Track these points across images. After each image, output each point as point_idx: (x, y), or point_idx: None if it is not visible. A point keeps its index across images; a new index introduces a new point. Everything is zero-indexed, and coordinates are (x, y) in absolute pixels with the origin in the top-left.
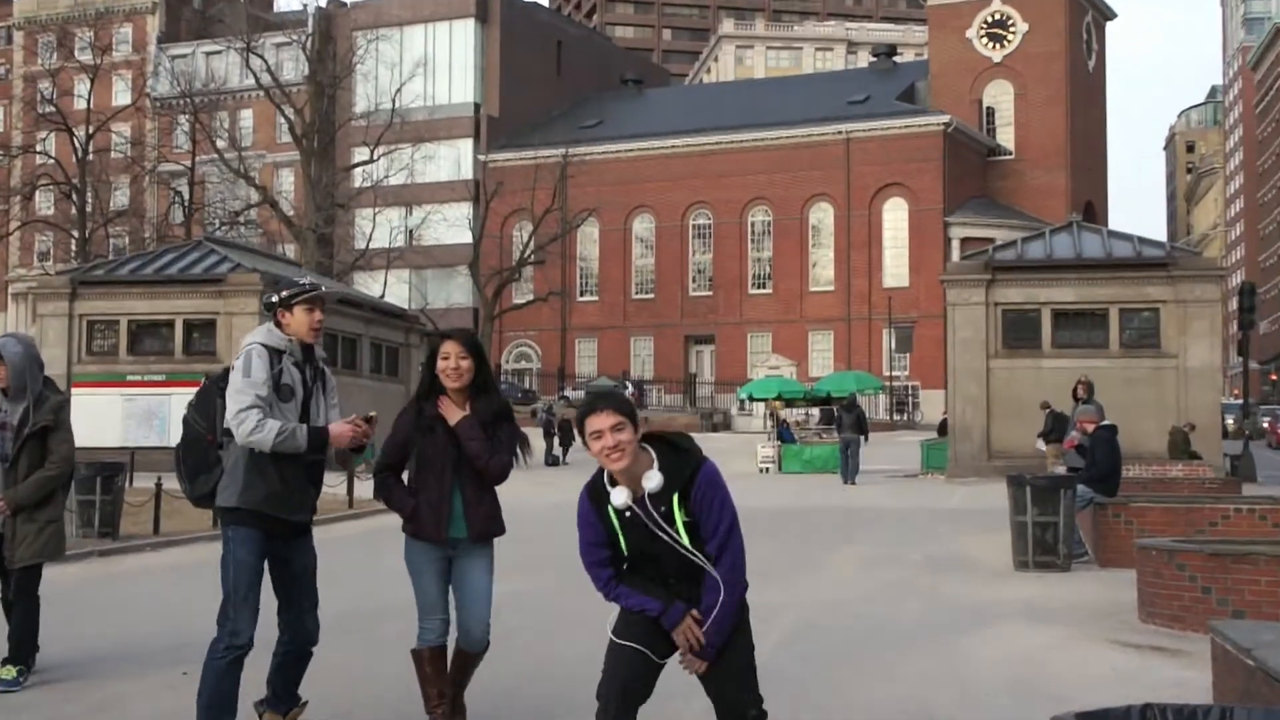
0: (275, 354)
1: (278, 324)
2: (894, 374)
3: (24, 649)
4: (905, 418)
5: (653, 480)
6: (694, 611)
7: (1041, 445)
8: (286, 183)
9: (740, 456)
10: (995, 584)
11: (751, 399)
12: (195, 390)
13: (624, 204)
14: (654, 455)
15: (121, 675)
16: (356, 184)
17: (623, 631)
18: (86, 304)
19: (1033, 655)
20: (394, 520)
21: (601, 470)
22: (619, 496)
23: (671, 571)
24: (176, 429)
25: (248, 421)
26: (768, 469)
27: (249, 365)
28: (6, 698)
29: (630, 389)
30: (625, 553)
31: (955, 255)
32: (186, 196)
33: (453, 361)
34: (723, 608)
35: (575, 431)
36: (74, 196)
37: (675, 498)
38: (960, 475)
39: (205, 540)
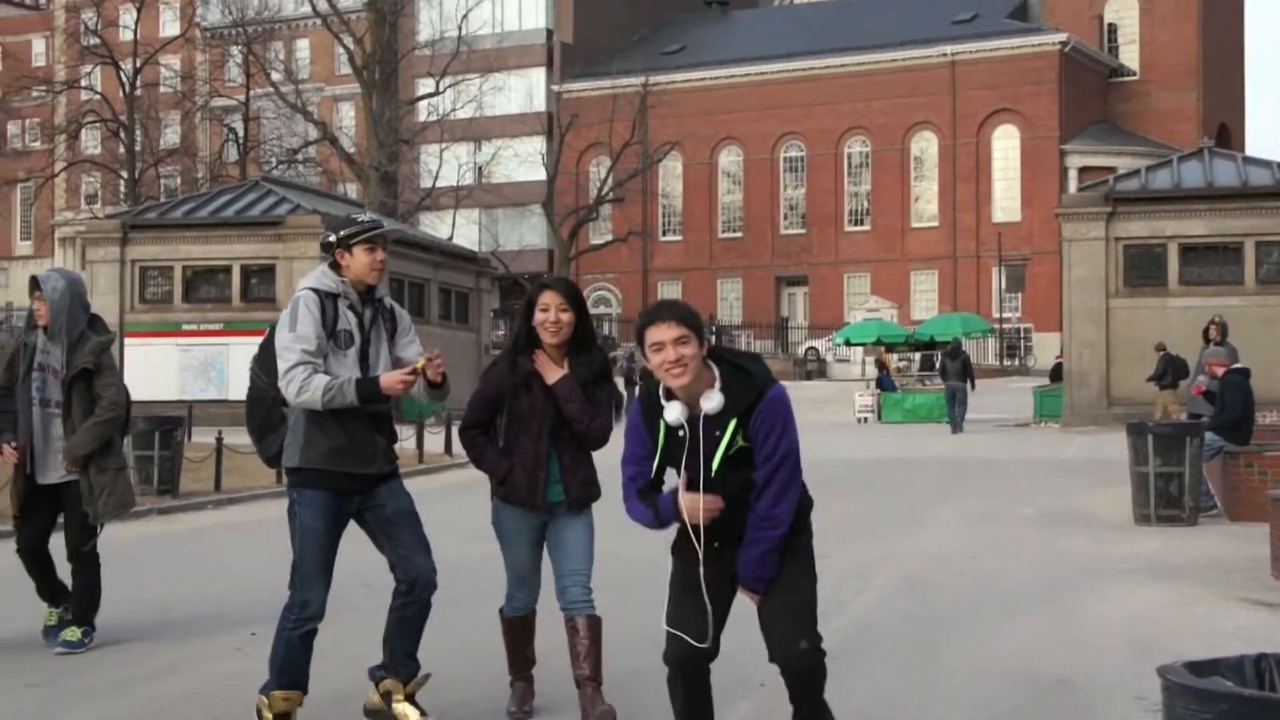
0: (329, 299)
1: (335, 266)
2: (1004, 316)
3: (89, 609)
4: (1016, 362)
5: (713, 400)
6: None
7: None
8: (347, 118)
9: (836, 405)
10: (1113, 539)
11: (849, 343)
12: (259, 341)
13: (709, 136)
14: (717, 374)
15: (188, 636)
16: (421, 118)
17: (671, 618)
18: (138, 249)
19: (1153, 614)
20: (472, 474)
21: (658, 382)
22: (673, 412)
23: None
24: (235, 381)
25: (294, 382)
26: (866, 419)
27: (295, 317)
28: (73, 659)
29: (716, 334)
30: (652, 475)
31: (1072, 187)
32: (241, 134)
33: (552, 314)
34: (765, 542)
35: (636, 342)
36: (122, 134)
37: (733, 424)
38: (1076, 424)
39: (268, 497)
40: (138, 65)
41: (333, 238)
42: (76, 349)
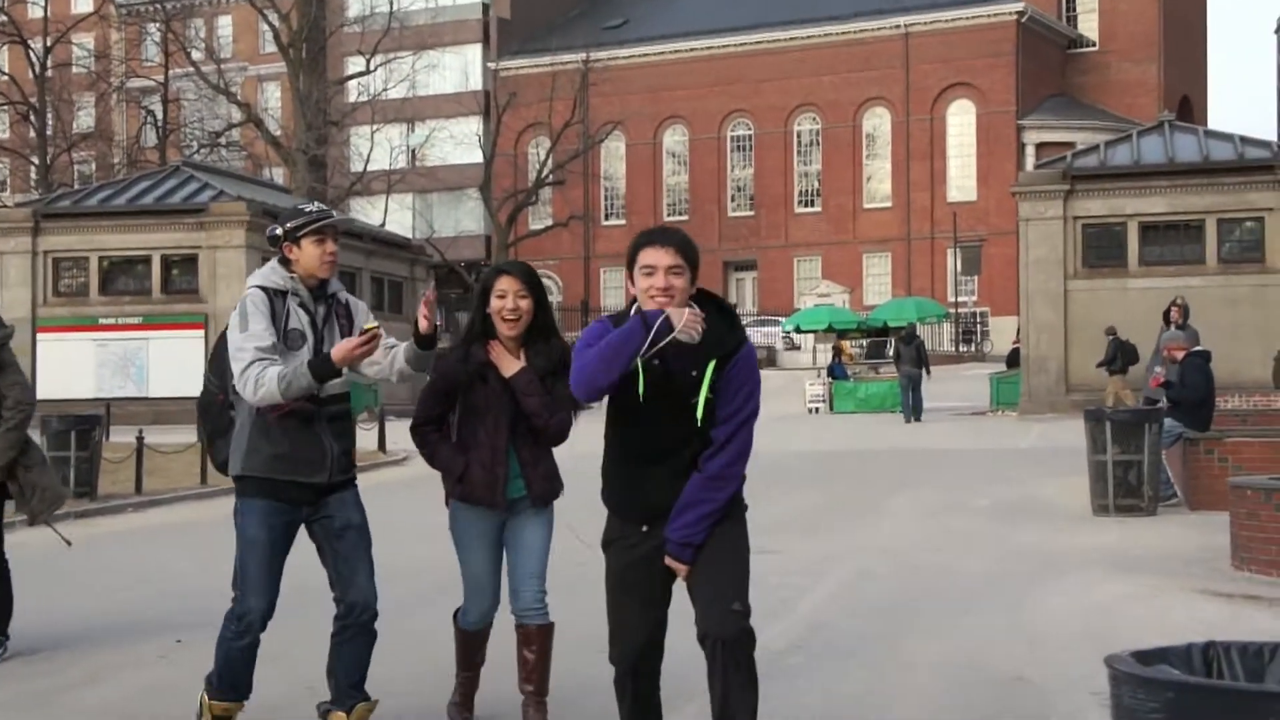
0: (278, 296)
1: (284, 261)
2: (960, 300)
3: (3, 618)
4: (973, 348)
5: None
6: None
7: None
8: (272, 99)
9: (786, 396)
10: (1071, 530)
11: (799, 330)
12: (179, 335)
13: (653, 115)
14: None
15: (109, 645)
16: (351, 99)
17: (614, 619)
18: (51, 239)
19: (1111, 606)
20: (410, 472)
21: (633, 305)
22: (676, 315)
23: (667, 443)
24: (156, 377)
25: (249, 381)
26: (817, 409)
27: (244, 317)
28: None
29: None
30: (642, 398)
31: (1030, 164)
32: (160, 116)
33: (510, 301)
34: (710, 503)
35: (626, 264)
36: (32, 118)
37: (710, 367)
38: (1034, 411)
39: (191, 499)
40: (48, 44)
41: (279, 230)
42: None
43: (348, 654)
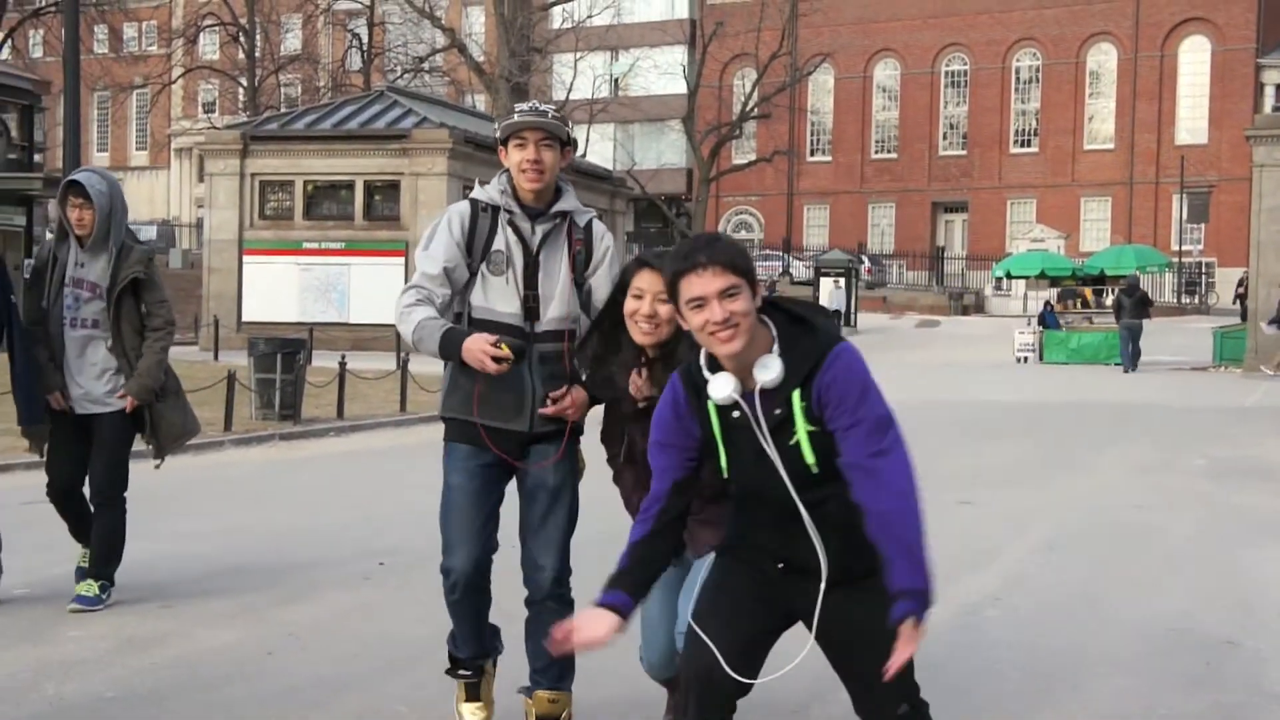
0: (485, 212)
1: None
2: (1184, 249)
3: (110, 560)
4: (1196, 300)
5: (771, 370)
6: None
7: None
8: (476, 24)
9: (995, 344)
10: None
11: (1010, 276)
12: (381, 261)
13: (864, 47)
14: (774, 333)
15: (315, 564)
16: (555, 25)
17: (701, 618)
18: (258, 161)
19: None
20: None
21: (699, 349)
22: (721, 386)
23: (787, 515)
24: (356, 303)
25: (399, 309)
26: (1026, 359)
27: (432, 233)
28: (200, 581)
29: (866, 263)
30: (727, 474)
31: (1269, 106)
32: (365, 40)
33: (647, 304)
34: (902, 538)
35: (668, 297)
36: (242, 39)
37: (796, 395)
38: (1261, 368)
39: (390, 426)
40: None
41: (496, 133)
42: (122, 259)
43: (533, 631)
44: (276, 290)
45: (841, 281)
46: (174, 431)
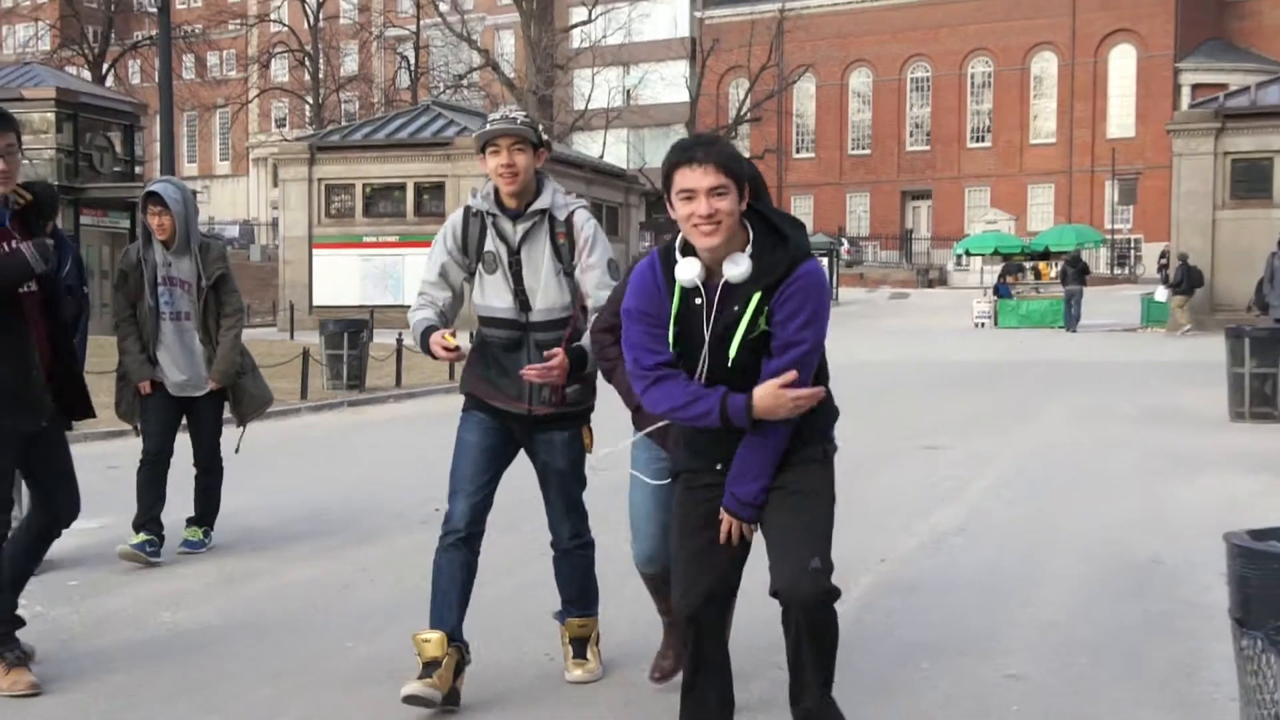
0: (476, 217)
1: None
2: (1115, 227)
3: (211, 513)
4: (1126, 271)
5: (739, 266)
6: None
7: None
8: (507, 45)
9: (956, 312)
10: (1208, 434)
11: (968, 254)
12: (429, 252)
13: (841, 59)
14: (751, 236)
15: (379, 510)
16: (575, 45)
17: (678, 567)
18: (324, 168)
19: (1241, 500)
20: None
21: (676, 234)
22: (686, 270)
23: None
24: (410, 288)
25: (409, 313)
26: (983, 324)
27: (433, 243)
28: (277, 532)
29: (845, 245)
30: (674, 353)
31: (1185, 104)
32: (412, 61)
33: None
34: (762, 451)
35: (662, 185)
36: (307, 63)
37: (756, 298)
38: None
39: (441, 393)
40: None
41: (475, 143)
42: (205, 257)
43: (560, 570)
44: (341, 278)
45: (824, 261)
46: (255, 404)
